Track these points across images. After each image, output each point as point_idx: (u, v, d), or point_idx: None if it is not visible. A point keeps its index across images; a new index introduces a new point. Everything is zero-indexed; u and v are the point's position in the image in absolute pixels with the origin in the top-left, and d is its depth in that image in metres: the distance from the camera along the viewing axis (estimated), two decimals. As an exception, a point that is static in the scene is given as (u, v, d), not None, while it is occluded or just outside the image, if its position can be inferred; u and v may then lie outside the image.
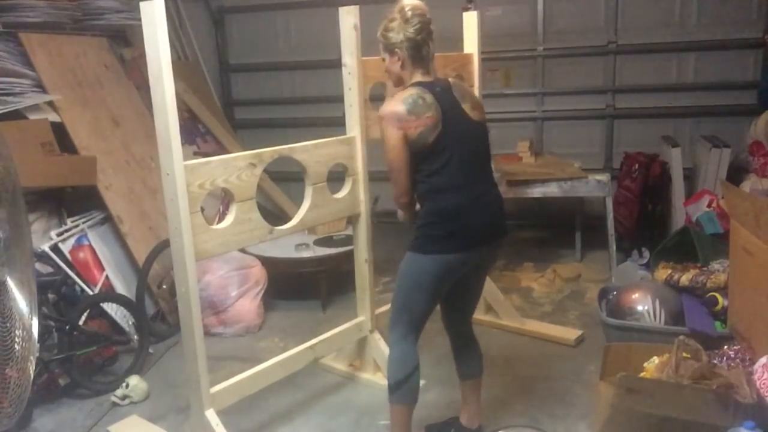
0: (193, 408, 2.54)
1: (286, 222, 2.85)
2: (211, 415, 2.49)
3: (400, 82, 2.36)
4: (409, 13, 2.25)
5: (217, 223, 2.59)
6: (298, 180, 2.84)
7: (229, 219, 2.52)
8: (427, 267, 2.26)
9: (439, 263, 2.25)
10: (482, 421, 2.68)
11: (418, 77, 2.30)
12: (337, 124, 3.18)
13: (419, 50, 2.27)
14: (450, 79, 2.41)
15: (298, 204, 2.89)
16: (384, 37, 2.30)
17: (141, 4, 2.16)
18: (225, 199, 2.81)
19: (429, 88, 2.25)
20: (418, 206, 2.38)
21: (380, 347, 3.12)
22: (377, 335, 3.17)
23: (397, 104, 2.22)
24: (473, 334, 2.62)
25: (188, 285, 2.37)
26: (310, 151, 2.79)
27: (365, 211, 3.05)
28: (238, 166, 2.50)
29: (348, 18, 2.83)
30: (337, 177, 2.99)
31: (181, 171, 2.28)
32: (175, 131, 2.26)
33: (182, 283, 2.39)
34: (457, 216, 2.23)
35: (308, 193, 2.83)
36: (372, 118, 3.02)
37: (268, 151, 2.63)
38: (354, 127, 2.97)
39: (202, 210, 2.90)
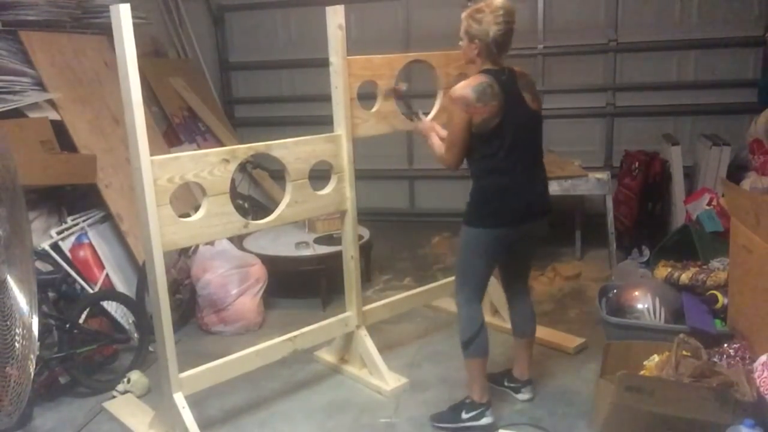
0: (163, 390, 2.63)
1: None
2: (179, 398, 2.59)
3: (471, 62, 2.56)
4: (500, 13, 2.43)
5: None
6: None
7: (201, 212, 2.60)
8: (479, 238, 2.57)
9: (487, 235, 2.55)
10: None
11: (489, 65, 2.50)
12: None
13: (498, 47, 2.47)
14: (516, 69, 2.57)
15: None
16: (468, 24, 2.48)
17: (110, 7, 2.26)
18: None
19: (496, 77, 2.46)
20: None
21: (366, 343, 3.15)
22: (363, 331, 3.18)
23: (467, 90, 2.42)
24: (528, 295, 2.93)
25: (155, 273, 2.48)
26: (290, 148, 2.83)
27: (352, 209, 3.07)
28: (210, 162, 2.58)
29: (334, 18, 2.88)
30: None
31: (148, 165, 2.38)
32: (142, 127, 2.36)
33: (151, 271, 2.51)
34: (504, 196, 2.51)
35: (288, 189, 2.88)
36: (359, 116, 3.05)
37: (243, 148, 2.72)
38: (340, 125, 3.00)
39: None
